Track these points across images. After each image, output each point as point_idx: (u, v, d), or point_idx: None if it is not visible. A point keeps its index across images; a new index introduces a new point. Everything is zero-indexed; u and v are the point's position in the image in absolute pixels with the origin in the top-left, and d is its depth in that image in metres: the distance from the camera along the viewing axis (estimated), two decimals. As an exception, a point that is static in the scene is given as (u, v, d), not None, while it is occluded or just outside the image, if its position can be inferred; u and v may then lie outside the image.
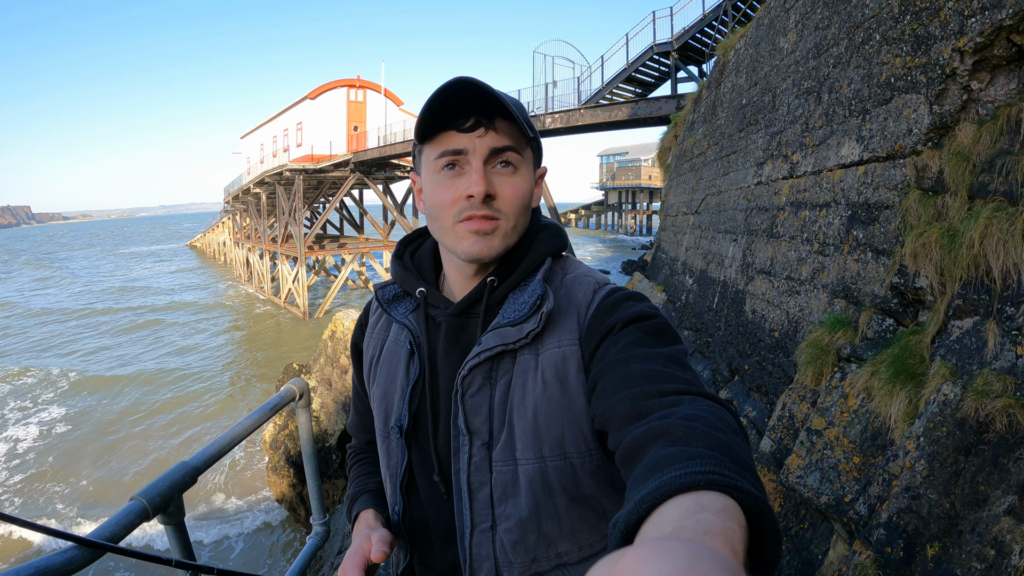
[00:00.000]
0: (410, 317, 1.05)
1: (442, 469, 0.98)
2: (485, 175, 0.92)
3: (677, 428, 0.61)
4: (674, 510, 0.45)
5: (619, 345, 0.84)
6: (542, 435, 0.90)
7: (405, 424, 1.02)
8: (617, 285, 0.98)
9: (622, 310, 0.89)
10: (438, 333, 1.02)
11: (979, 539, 1.81)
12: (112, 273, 51.13)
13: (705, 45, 13.72)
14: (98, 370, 21.41)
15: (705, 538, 0.39)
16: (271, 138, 37.17)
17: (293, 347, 23.26)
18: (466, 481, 0.94)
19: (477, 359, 0.92)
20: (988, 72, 2.59)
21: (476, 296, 0.99)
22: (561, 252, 1.04)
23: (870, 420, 2.76)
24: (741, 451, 0.58)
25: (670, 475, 0.50)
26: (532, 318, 0.91)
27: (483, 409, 0.93)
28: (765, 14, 5.90)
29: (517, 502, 0.91)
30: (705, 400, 0.69)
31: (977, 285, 2.47)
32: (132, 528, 1.35)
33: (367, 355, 1.15)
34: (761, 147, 5.65)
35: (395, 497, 1.06)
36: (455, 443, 0.95)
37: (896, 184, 3.13)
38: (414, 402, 1.02)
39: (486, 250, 0.94)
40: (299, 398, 2.48)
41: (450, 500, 0.98)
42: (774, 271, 4.89)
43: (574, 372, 0.90)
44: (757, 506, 0.47)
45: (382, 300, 1.09)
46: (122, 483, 13.20)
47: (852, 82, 3.67)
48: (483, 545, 0.93)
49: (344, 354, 12.62)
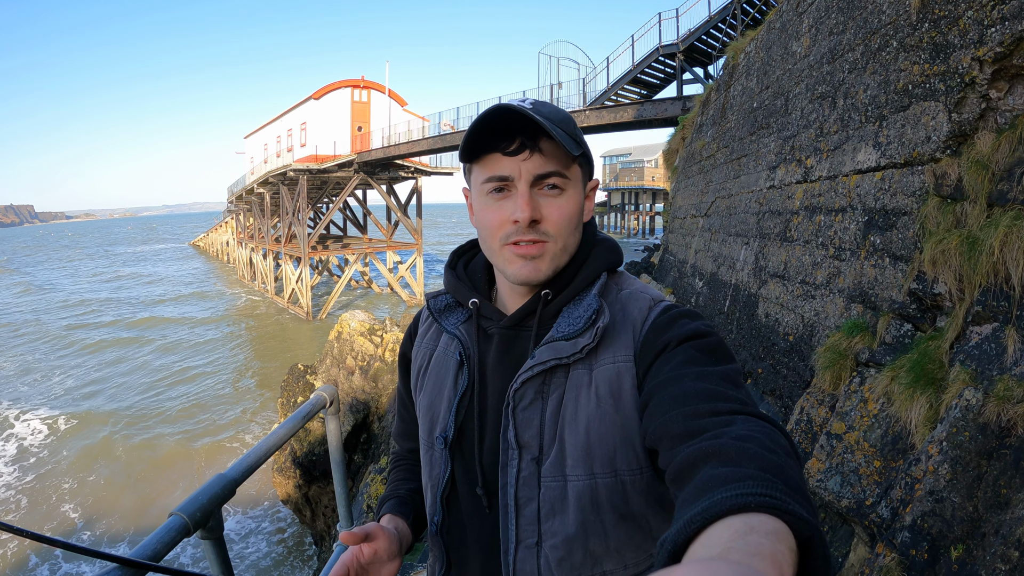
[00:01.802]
0: (461, 328, 1.05)
1: (486, 482, 0.97)
2: (530, 199, 0.92)
3: (729, 448, 0.61)
4: (724, 531, 0.45)
5: (673, 363, 0.83)
6: (593, 451, 0.89)
7: (450, 435, 1.01)
8: (673, 303, 0.97)
9: (677, 327, 0.88)
10: (489, 345, 1.02)
11: (1003, 541, 1.85)
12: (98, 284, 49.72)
13: (711, 47, 13.74)
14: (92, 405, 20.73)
15: (754, 560, 0.39)
16: (275, 138, 37.25)
17: (297, 347, 23.32)
18: (513, 496, 0.93)
19: (530, 372, 0.92)
20: (1007, 81, 2.63)
21: (530, 309, 0.99)
22: (616, 268, 1.04)
23: (890, 424, 2.80)
24: (793, 474, 0.57)
25: (721, 496, 0.49)
26: (587, 332, 0.90)
27: (534, 423, 0.93)
28: (777, 18, 5.94)
29: (565, 519, 0.90)
30: (758, 421, 0.69)
31: (996, 292, 2.51)
32: (173, 545, 1.33)
33: (415, 364, 1.15)
34: (774, 151, 5.69)
35: (435, 508, 1.05)
36: (504, 457, 0.94)
37: (914, 191, 3.17)
38: (461, 413, 1.01)
39: (534, 274, 0.95)
40: (329, 405, 2.46)
41: (492, 513, 0.98)
42: (788, 275, 4.93)
43: (629, 389, 0.89)
44: (808, 530, 0.46)
45: (433, 310, 1.09)
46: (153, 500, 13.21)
47: (868, 88, 3.71)
48: (527, 561, 0.92)
49: (350, 355, 12.68)
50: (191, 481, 13.42)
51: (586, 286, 0.98)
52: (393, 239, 35.05)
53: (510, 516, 0.93)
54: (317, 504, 10.92)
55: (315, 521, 11.04)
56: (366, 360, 12.45)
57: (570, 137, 0.91)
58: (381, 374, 11.92)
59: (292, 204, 30.33)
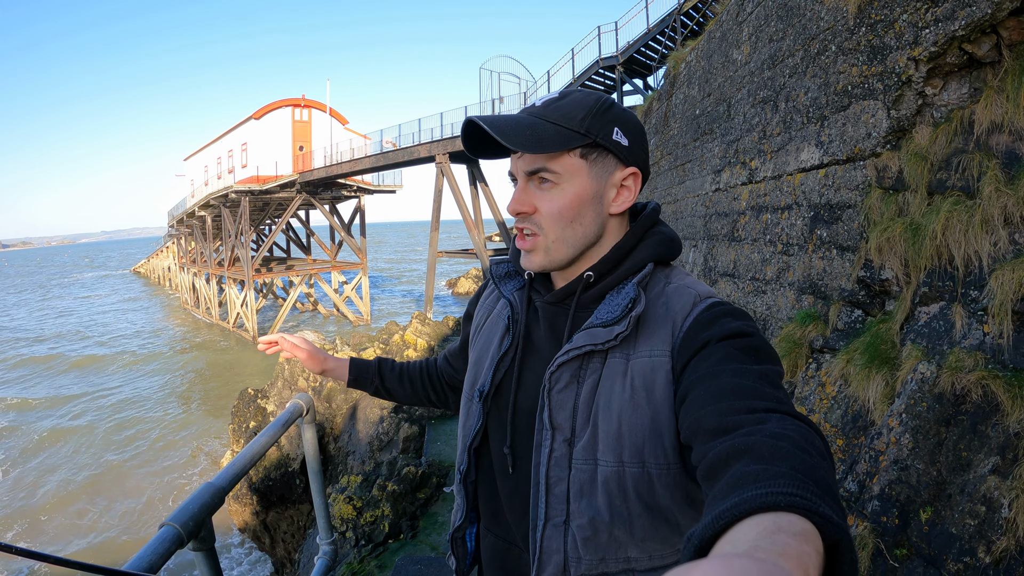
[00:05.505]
0: (515, 294, 1.11)
1: (513, 443, 1.03)
2: (522, 193, 0.99)
3: (762, 446, 0.61)
4: (751, 529, 0.45)
5: (711, 359, 0.84)
6: (624, 440, 0.90)
7: (487, 391, 1.07)
8: (720, 300, 0.96)
9: (719, 325, 0.89)
10: (536, 315, 1.07)
11: (969, 498, 1.99)
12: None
13: (651, 59, 14.14)
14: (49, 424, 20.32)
15: (780, 560, 0.38)
16: (215, 159, 36.43)
17: (245, 373, 22.76)
18: (544, 475, 0.95)
19: (566, 356, 0.94)
20: (941, 78, 2.83)
21: (572, 289, 1.02)
22: (668, 260, 1.04)
23: (849, 404, 2.94)
24: (826, 475, 0.57)
25: (751, 493, 0.50)
26: (623, 320, 0.92)
27: (568, 406, 0.95)
28: (717, 27, 6.18)
29: (593, 501, 0.92)
30: (794, 420, 0.68)
31: (941, 273, 2.67)
32: (168, 556, 1.32)
33: (475, 322, 1.23)
34: (718, 155, 5.90)
35: (463, 457, 1.11)
36: (538, 436, 0.97)
37: (857, 184, 3.35)
38: (500, 372, 1.07)
39: (528, 264, 1.02)
40: (305, 413, 2.45)
41: (515, 475, 1.03)
42: (738, 273, 5.11)
43: (662, 384, 0.90)
44: (837, 534, 0.46)
45: (495, 275, 1.17)
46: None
47: (809, 91, 3.91)
48: (555, 539, 0.95)
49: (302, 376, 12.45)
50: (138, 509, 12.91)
51: (632, 274, 0.99)
52: (338, 259, 34.66)
53: (540, 494, 0.96)
54: (276, 530, 10.64)
55: (275, 548, 10.75)
56: (318, 380, 12.24)
57: (532, 136, 0.93)
58: (334, 394, 11.73)
59: (234, 226, 29.70)
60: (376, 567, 5.80)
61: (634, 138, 0.99)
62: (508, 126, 0.93)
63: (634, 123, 1.00)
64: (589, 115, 0.95)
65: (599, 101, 0.97)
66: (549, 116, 0.95)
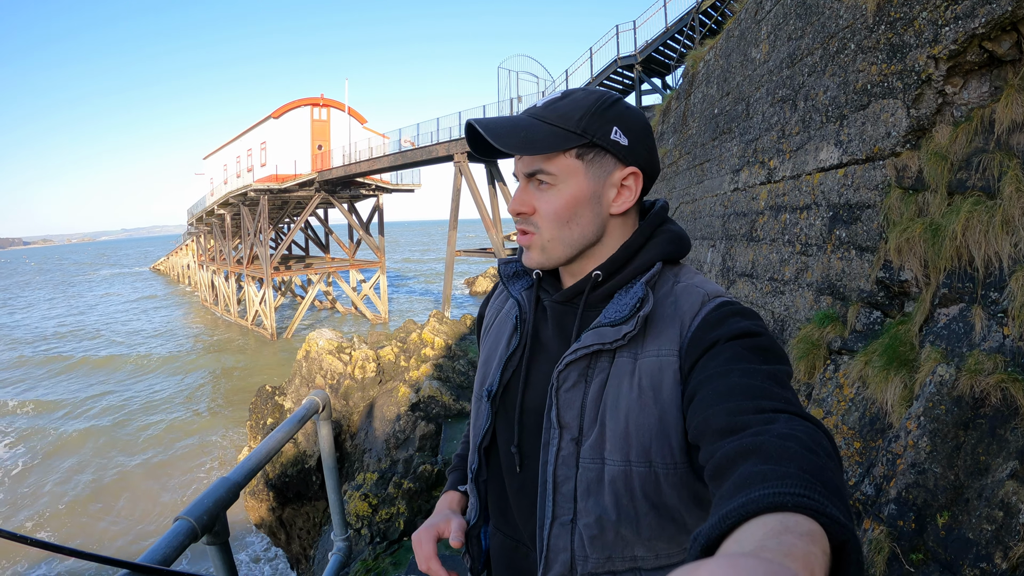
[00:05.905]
0: (524, 293, 1.11)
1: (520, 442, 1.02)
2: (522, 193, 1.01)
3: (770, 446, 0.61)
4: (758, 529, 0.45)
5: (720, 359, 0.83)
6: (631, 440, 0.90)
7: (495, 390, 1.07)
8: (729, 299, 0.95)
9: (728, 325, 0.88)
10: (544, 314, 1.07)
11: (987, 503, 1.96)
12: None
13: (669, 58, 14.06)
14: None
15: (786, 560, 0.38)
16: (235, 158, 36.80)
17: (263, 369, 22.97)
18: (552, 473, 0.95)
19: (574, 355, 0.94)
20: (961, 77, 2.79)
21: (580, 288, 1.02)
22: (677, 259, 1.04)
23: (867, 407, 2.91)
24: (833, 476, 0.57)
25: (758, 493, 0.50)
26: (631, 320, 0.91)
27: (576, 404, 0.94)
28: (735, 26, 6.13)
29: (600, 499, 0.92)
30: (802, 421, 0.68)
31: (961, 274, 2.64)
32: (182, 549, 1.34)
33: (485, 323, 1.22)
34: (736, 154, 5.86)
35: (474, 456, 1.12)
36: (546, 435, 0.96)
37: (876, 184, 3.32)
38: (507, 372, 1.07)
39: (527, 261, 1.03)
40: (321, 410, 2.46)
41: (523, 473, 1.03)
42: (756, 273, 5.07)
43: (669, 384, 0.89)
44: (843, 535, 0.46)
45: (503, 275, 1.16)
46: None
47: (828, 89, 3.87)
48: (562, 537, 0.95)
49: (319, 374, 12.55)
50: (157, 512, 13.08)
51: (640, 273, 0.99)
52: (356, 258, 34.86)
53: (548, 493, 0.95)
54: (292, 526, 10.73)
55: (290, 544, 10.84)
56: (336, 378, 12.33)
57: (525, 138, 0.93)
58: (351, 392, 11.80)
59: (253, 225, 29.97)
60: (391, 564, 5.84)
61: (635, 137, 0.98)
62: (503, 128, 0.94)
63: (636, 122, 0.99)
64: (587, 115, 0.95)
65: (600, 100, 0.97)
66: (547, 117, 0.95)
